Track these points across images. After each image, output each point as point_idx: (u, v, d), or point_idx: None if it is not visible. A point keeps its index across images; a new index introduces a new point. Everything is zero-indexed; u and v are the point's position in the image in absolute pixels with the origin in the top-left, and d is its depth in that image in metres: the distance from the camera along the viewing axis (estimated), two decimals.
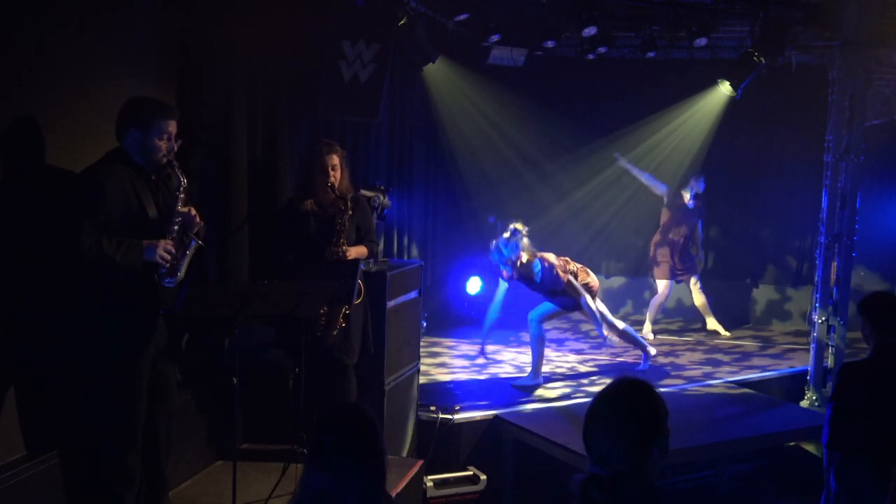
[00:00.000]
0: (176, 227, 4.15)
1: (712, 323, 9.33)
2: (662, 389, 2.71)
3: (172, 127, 4.16)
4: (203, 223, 4.32)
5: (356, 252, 5.36)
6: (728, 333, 9.23)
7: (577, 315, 9.66)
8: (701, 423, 6.45)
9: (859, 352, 7.54)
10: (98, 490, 4.27)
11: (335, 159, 5.33)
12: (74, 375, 4.21)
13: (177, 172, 4.18)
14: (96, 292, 4.08)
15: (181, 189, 4.18)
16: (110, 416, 4.21)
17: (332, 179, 5.28)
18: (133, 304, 4.11)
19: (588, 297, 7.24)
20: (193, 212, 4.25)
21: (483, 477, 6.07)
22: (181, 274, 4.15)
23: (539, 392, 7.11)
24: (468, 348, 8.51)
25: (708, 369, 7.95)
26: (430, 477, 5.91)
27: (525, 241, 7.30)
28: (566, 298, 7.27)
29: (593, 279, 7.44)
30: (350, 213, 5.32)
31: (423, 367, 6.76)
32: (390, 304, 5.78)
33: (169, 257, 4.07)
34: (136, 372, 4.18)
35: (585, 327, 9.55)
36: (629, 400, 2.53)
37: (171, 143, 4.16)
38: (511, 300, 10.00)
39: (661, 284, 9.17)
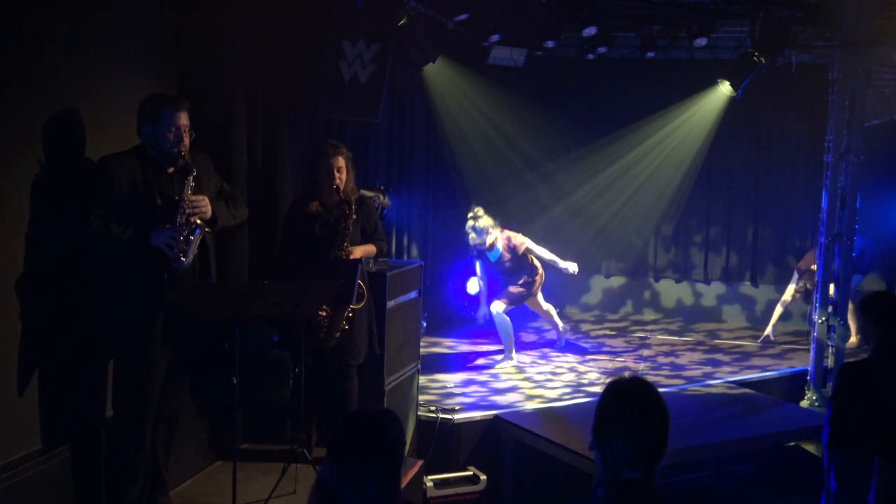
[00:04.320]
0: (184, 215, 4.28)
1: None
2: (662, 389, 2.70)
3: (181, 119, 4.31)
4: (213, 212, 4.43)
5: (363, 251, 5.35)
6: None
7: (577, 314, 9.67)
8: (701, 423, 6.45)
9: (860, 352, 7.55)
10: (102, 483, 4.36)
11: (341, 161, 5.31)
12: (89, 364, 4.38)
13: (187, 163, 4.32)
14: (108, 277, 4.24)
15: (190, 179, 4.32)
16: (121, 406, 4.35)
17: (338, 182, 5.27)
18: (143, 287, 4.24)
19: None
20: (203, 200, 4.37)
21: (483, 477, 6.07)
22: (187, 259, 4.28)
23: (539, 392, 7.11)
24: (468, 348, 8.51)
25: (708, 369, 7.96)
26: (430, 477, 5.90)
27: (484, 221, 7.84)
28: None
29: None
30: (354, 217, 5.31)
31: (422, 367, 6.76)
32: (390, 304, 5.78)
33: (174, 243, 4.21)
34: (148, 362, 4.29)
35: (585, 327, 9.55)
36: (656, 400, 2.52)
37: (181, 134, 4.30)
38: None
39: None
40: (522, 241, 7.92)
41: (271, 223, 5.82)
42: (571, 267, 8.08)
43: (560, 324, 8.62)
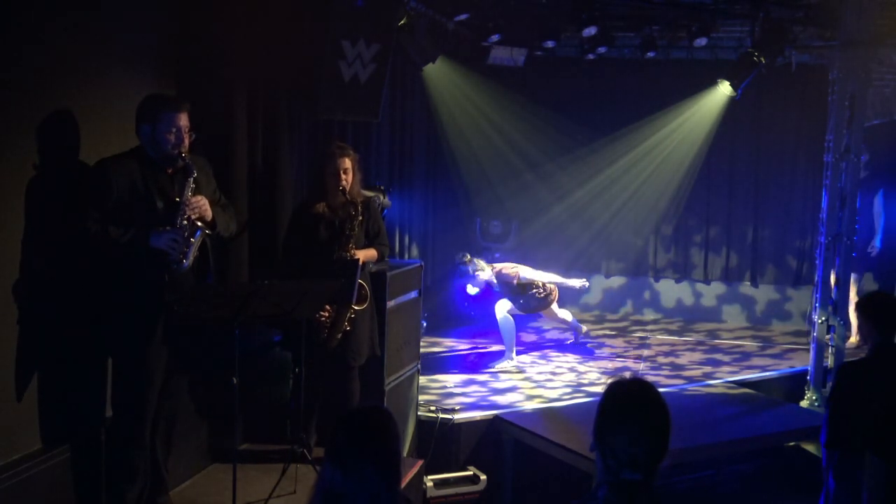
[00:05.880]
0: (185, 217, 4.27)
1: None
2: (662, 389, 2.70)
3: (181, 120, 4.28)
4: (212, 215, 4.42)
5: (365, 255, 5.35)
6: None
7: (578, 314, 9.65)
8: (701, 423, 6.45)
9: (859, 352, 7.55)
10: (102, 484, 4.37)
11: (347, 163, 5.32)
12: (88, 365, 4.38)
13: (187, 164, 4.30)
14: (108, 279, 4.23)
15: (191, 180, 4.31)
16: (121, 406, 4.35)
17: (344, 183, 5.27)
18: (143, 289, 4.22)
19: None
20: (203, 201, 4.35)
21: (483, 477, 6.07)
22: (188, 260, 4.28)
23: (539, 392, 7.11)
24: (468, 348, 8.52)
25: (708, 369, 7.96)
26: (430, 477, 5.91)
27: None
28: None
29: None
30: (360, 218, 5.32)
31: (422, 367, 6.77)
32: (390, 304, 5.78)
33: (176, 245, 4.20)
34: (148, 362, 4.28)
35: (585, 328, 9.54)
36: (657, 401, 2.51)
37: (181, 135, 4.28)
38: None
39: None
40: (514, 271, 7.92)
41: (271, 223, 5.82)
42: (579, 283, 8.15)
43: (580, 326, 8.69)
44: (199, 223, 4.33)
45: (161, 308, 4.24)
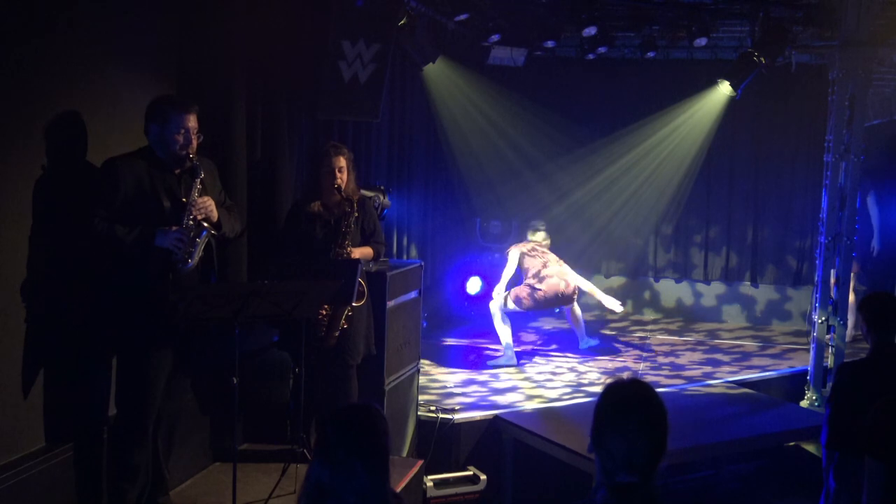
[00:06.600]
0: (191, 218, 4.30)
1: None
2: (662, 389, 2.69)
3: (190, 121, 4.33)
4: (218, 216, 4.46)
5: (361, 253, 5.38)
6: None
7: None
8: (701, 423, 6.45)
9: (859, 352, 7.55)
10: (103, 483, 4.40)
11: (342, 161, 5.36)
12: (92, 364, 4.42)
13: (195, 165, 4.34)
14: (113, 278, 4.27)
15: (198, 181, 4.35)
16: (124, 405, 4.37)
17: (339, 181, 5.31)
18: (148, 288, 4.25)
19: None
20: (209, 202, 4.39)
21: (483, 477, 6.07)
22: (193, 260, 4.31)
23: (539, 392, 7.11)
24: (468, 345, 8.52)
25: (708, 369, 7.96)
26: (430, 477, 5.91)
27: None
28: None
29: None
30: (356, 215, 5.34)
31: (423, 367, 6.76)
32: (390, 304, 5.78)
33: (181, 245, 4.24)
34: (151, 362, 4.31)
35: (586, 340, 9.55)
36: (654, 403, 2.49)
37: (189, 136, 4.33)
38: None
39: None
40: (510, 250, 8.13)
41: (271, 223, 5.83)
42: (615, 305, 8.05)
43: (583, 338, 8.53)
44: (205, 224, 4.36)
45: (166, 307, 4.23)
